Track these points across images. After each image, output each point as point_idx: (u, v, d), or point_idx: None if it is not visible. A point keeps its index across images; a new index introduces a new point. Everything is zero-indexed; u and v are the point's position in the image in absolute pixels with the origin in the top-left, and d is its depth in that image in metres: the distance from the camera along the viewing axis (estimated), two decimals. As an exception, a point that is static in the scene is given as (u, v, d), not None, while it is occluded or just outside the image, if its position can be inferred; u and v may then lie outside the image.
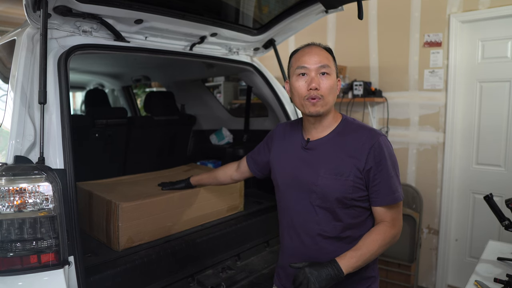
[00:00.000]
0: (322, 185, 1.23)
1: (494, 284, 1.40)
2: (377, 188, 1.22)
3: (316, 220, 1.26)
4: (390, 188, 1.22)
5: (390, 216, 1.24)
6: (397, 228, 1.25)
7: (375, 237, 1.21)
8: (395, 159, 1.27)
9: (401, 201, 1.25)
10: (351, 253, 1.18)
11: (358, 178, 1.21)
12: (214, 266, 1.91)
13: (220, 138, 3.14)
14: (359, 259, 1.17)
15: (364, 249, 1.19)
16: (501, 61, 2.78)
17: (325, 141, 1.27)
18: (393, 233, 1.24)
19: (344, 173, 1.21)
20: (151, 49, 1.84)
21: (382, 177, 1.21)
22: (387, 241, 1.22)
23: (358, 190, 1.22)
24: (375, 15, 3.30)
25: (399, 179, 1.26)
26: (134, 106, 4.33)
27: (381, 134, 1.24)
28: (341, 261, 1.16)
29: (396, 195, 1.23)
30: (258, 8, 2.08)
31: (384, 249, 1.23)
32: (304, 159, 1.29)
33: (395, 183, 1.23)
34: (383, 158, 1.21)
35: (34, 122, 1.31)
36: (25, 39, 1.43)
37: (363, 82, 3.23)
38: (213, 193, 2.09)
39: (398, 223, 1.26)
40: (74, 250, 1.28)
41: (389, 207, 1.24)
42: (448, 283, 3.15)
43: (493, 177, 2.90)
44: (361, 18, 1.74)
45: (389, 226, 1.23)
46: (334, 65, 1.27)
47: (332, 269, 1.14)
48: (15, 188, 1.18)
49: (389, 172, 1.21)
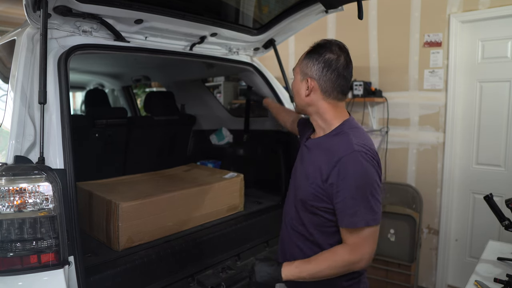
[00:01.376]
0: (297, 184, 1.30)
1: (494, 284, 1.40)
2: (338, 207, 1.15)
3: (291, 214, 1.33)
4: (348, 211, 1.12)
5: (350, 240, 1.15)
6: (357, 256, 1.14)
7: (328, 257, 1.18)
8: (367, 180, 1.12)
9: (364, 227, 1.12)
10: (298, 263, 1.22)
11: (320, 187, 1.18)
12: (214, 266, 1.90)
13: (220, 138, 3.14)
14: (303, 271, 1.19)
15: (312, 264, 1.19)
16: (501, 61, 2.78)
17: (316, 143, 1.29)
18: (350, 259, 1.14)
19: (310, 178, 1.22)
20: (151, 49, 1.84)
21: (343, 197, 1.12)
22: (340, 264, 1.15)
23: (319, 199, 1.19)
24: (375, 15, 3.30)
25: (370, 203, 1.12)
26: (134, 106, 4.33)
27: (356, 150, 1.12)
28: (286, 266, 1.22)
29: (354, 220, 1.11)
30: (258, 8, 2.08)
31: (335, 272, 1.17)
32: (302, 154, 1.34)
33: (356, 206, 1.11)
34: (347, 177, 1.11)
35: (34, 122, 1.31)
36: (25, 39, 1.43)
37: (363, 82, 3.23)
38: (213, 193, 2.09)
39: (360, 250, 1.14)
40: (74, 250, 1.28)
41: (350, 230, 1.14)
42: (448, 283, 3.15)
43: (493, 177, 2.90)
44: (361, 18, 1.74)
45: (347, 250, 1.15)
46: (298, 68, 1.28)
47: (274, 270, 1.22)
48: (15, 188, 1.18)
49: (351, 193, 1.11)
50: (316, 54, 1.22)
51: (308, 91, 1.23)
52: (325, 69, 1.20)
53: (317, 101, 1.25)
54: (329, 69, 1.20)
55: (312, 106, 1.27)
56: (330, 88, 1.22)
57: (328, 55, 1.21)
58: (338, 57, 1.21)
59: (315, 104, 1.26)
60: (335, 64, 1.20)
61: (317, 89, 1.23)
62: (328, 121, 1.26)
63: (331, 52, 1.21)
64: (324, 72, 1.20)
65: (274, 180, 2.52)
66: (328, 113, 1.26)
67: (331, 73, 1.20)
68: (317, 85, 1.22)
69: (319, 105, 1.25)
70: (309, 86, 1.23)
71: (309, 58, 1.23)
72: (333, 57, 1.20)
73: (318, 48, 1.23)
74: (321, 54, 1.21)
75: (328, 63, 1.20)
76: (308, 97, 1.25)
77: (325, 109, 1.25)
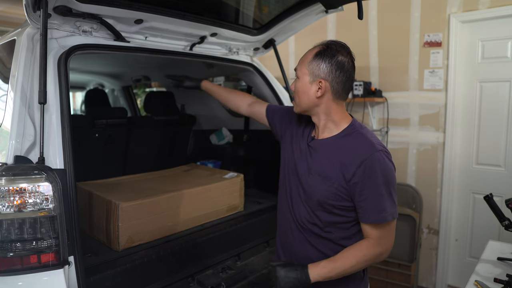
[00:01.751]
0: (310, 184, 1.27)
1: (494, 284, 1.40)
2: (363, 205, 1.18)
3: (301, 212, 1.31)
4: (376, 207, 1.16)
5: (375, 234, 1.20)
6: (383, 247, 1.20)
7: (354, 253, 1.20)
8: (391, 178, 1.19)
9: (390, 221, 1.19)
10: (325, 263, 1.20)
11: (342, 187, 1.19)
12: (214, 266, 1.90)
13: (220, 138, 3.14)
14: (331, 271, 1.18)
15: (339, 263, 1.19)
16: (501, 61, 2.78)
17: (327, 143, 1.28)
18: (377, 252, 1.20)
19: (330, 178, 1.21)
20: (151, 49, 1.83)
21: (369, 194, 1.16)
22: (366, 258, 1.19)
23: (341, 199, 1.20)
24: (375, 15, 3.31)
25: (393, 198, 1.19)
26: (134, 106, 4.32)
27: (380, 150, 1.18)
28: (313, 268, 1.19)
29: (382, 216, 1.16)
30: (258, 8, 2.08)
31: (363, 266, 1.21)
32: (306, 154, 1.32)
33: (383, 202, 1.16)
34: (374, 175, 1.15)
35: (34, 122, 1.31)
36: (25, 39, 1.43)
37: (363, 82, 3.23)
38: (213, 193, 2.09)
39: (385, 242, 1.20)
40: (74, 250, 1.28)
41: (375, 225, 1.19)
42: (448, 283, 3.15)
43: (493, 177, 2.90)
44: (361, 18, 1.74)
45: (373, 245, 1.19)
46: (305, 69, 1.25)
47: (301, 273, 1.18)
48: (15, 188, 1.18)
49: (378, 190, 1.16)
50: (328, 56, 1.22)
51: (320, 92, 1.23)
52: (337, 71, 1.21)
53: (327, 102, 1.25)
54: (341, 71, 1.22)
55: (320, 107, 1.27)
56: (341, 90, 1.24)
57: (340, 57, 1.22)
58: (348, 59, 1.23)
59: (324, 105, 1.26)
60: (347, 66, 1.22)
61: (329, 90, 1.23)
62: (337, 121, 1.27)
63: (342, 54, 1.22)
64: (337, 74, 1.22)
65: (274, 180, 2.51)
66: (337, 113, 1.27)
67: (343, 75, 1.22)
68: (330, 86, 1.23)
69: (328, 105, 1.26)
70: (321, 88, 1.23)
71: (320, 60, 1.22)
72: (344, 59, 1.22)
73: (329, 49, 1.23)
74: (333, 56, 1.22)
75: (341, 65, 1.21)
76: (319, 98, 1.25)
77: (333, 109, 1.26)
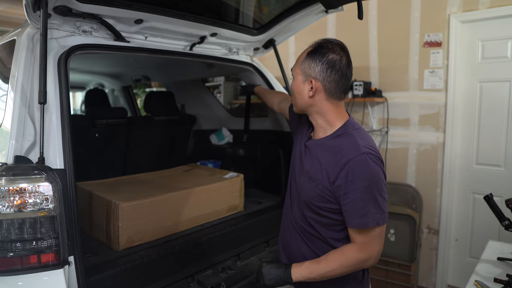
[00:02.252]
0: (301, 184, 1.29)
1: (494, 284, 1.40)
2: (347, 208, 1.15)
3: (295, 212, 1.33)
4: (359, 212, 1.13)
5: (359, 239, 1.17)
6: (367, 254, 1.17)
7: (337, 256, 1.20)
8: (376, 182, 1.13)
9: (375, 226, 1.14)
10: (308, 263, 1.22)
11: (327, 189, 1.18)
12: (214, 266, 1.90)
13: (220, 138, 3.14)
14: (313, 272, 1.20)
15: (322, 264, 1.20)
16: (501, 61, 2.78)
17: (319, 144, 1.28)
18: (360, 257, 1.17)
19: (315, 179, 1.22)
20: (151, 49, 1.83)
21: (352, 198, 1.13)
22: (350, 263, 1.18)
23: (326, 200, 1.20)
24: (375, 15, 3.30)
25: (379, 203, 1.14)
26: (134, 106, 4.33)
27: (364, 152, 1.14)
28: (296, 268, 1.22)
29: (364, 220, 1.13)
30: (258, 8, 2.08)
31: (346, 270, 1.19)
32: (302, 154, 1.33)
33: (365, 207, 1.12)
34: (355, 178, 1.12)
35: (34, 122, 1.31)
36: (25, 39, 1.43)
37: (363, 82, 3.23)
38: (213, 193, 2.09)
39: (369, 248, 1.16)
40: (74, 250, 1.28)
41: (359, 230, 1.16)
42: (448, 283, 3.15)
43: (493, 177, 2.90)
44: (361, 18, 1.74)
45: (356, 249, 1.17)
46: (299, 68, 1.25)
47: (283, 272, 1.22)
48: (15, 188, 1.18)
49: (360, 195, 1.12)
50: (318, 55, 1.20)
51: (312, 92, 1.22)
52: (329, 70, 1.19)
53: (320, 102, 1.24)
54: (333, 69, 1.19)
55: (314, 107, 1.25)
56: (334, 89, 1.22)
57: (331, 56, 1.19)
58: (341, 57, 1.20)
59: (318, 105, 1.25)
60: (338, 65, 1.20)
61: (321, 89, 1.22)
62: (331, 121, 1.25)
63: (334, 52, 1.20)
64: (328, 73, 1.20)
65: (274, 180, 2.52)
66: (330, 113, 1.25)
67: (335, 73, 1.20)
68: (321, 85, 1.21)
69: (322, 105, 1.24)
70: (313, 87, 1.22)
71: (311, 59, 1.21)
72: (336, 57, 1.20)
73: (320, 48, 1.21)
74: (324, 54, 1.20)
75: (332, 63, 1.19)
76: (312, 98, 1.23)
77: (327, 109, 1.24)
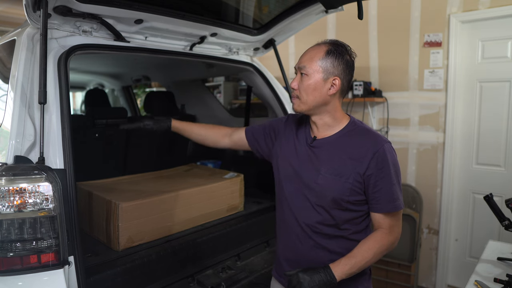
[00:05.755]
0: (321, 184, 1.25)
1: (494, 284, 1.40)
2: (378, 195, 1.21)
3: (311, 216, 1.28)
4: (391, 196, 1.21)
5: (388, 223, 1.23)
6: (395, 236, 1.24)
7: (371, 245, 1.22)
8: (398, 167, 1.25)
9: (401, 209, 1.23)
10: (345, 260, 1.20)
11: (357, 181, 1.21)
12: (214, 266, 1.90)
13: (220, 138, 3.13)
14: (353, 267, 1.19)
15: (359, 257, 1.20)
16: (501, 61, 2.78)
17: (331, 141, 1.28)
18: (391, 240, 1.23)
19: (344, 174, 1.22)
20: (151, 49, 1.83)
21: (384, 184, 1.20)
22: (383, 248, 1.22)
23: (356, 193, 1.22)
24: (375, 15, 3.31)
25: (401, 187, 1.25)
26: (134, 106, 4.33)
27: (387, 141, 1.23)
28: (335, 267, 1.19)
29: (397, 204, 1.21)
30: (258, 8, 2.08)
31: (380, 256, 1.23)
32: (308, 155, 1.30)
33: (396, 191, 1.21)
34: (386, 165, 1.19)
35: (34, 122, 1.31)
36: (25, 39, 1.43)
37: (363, 82, 3.23)
38: (213, 193, 2.09)
39: (396, 230, 1.24)
40: (74, 250, 1.28)
41: (388, 214, 1.23)
42: (448, 283, 3.15)
43: (493, 177, 2.90)
44: (361, 18, 1.73)
45: (386, 234, 1.23)
46: (318, 66, 1.22)
47: (325, 275, 1.17)
48: (15, 188, 1.18)
49: (391, 180, 1.20)
50: (339, 54, 1.24)
51: (334, 90, 1.24)
52: (347, 69, 1.25)
53: (335, 100, 1.27)
54: (349, 69, 1.26)
55: (328, 105, 1.26)
56: (346, 88, 1.28)
57: (347, 56, 1.25)
58: (353, 59, 1.27)
59: (332, 103, 1.27)
60: (352, 65, 1.27)
61: (339, 88, 1.25)
62: (339, 119, 1.29)
63: (348, 53, 1.26)
64: (346, 72, 1.25)
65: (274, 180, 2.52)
66: (339, 111, 1.30)
67: (349, 73, 1.26)
68: (340, 84, 1.25)
69: (335, 103, 1.28)
70: (335, 85, 1.24)
71: (334, 57, 1.23)
72: (350, 58, 1.26)
73: (339, 47, 1.25)
74: (344, 54, 1.24)
75: (349, 63, 1.25)
76: (331, 96, 1.25)
77: (337, 107, 1.29)
